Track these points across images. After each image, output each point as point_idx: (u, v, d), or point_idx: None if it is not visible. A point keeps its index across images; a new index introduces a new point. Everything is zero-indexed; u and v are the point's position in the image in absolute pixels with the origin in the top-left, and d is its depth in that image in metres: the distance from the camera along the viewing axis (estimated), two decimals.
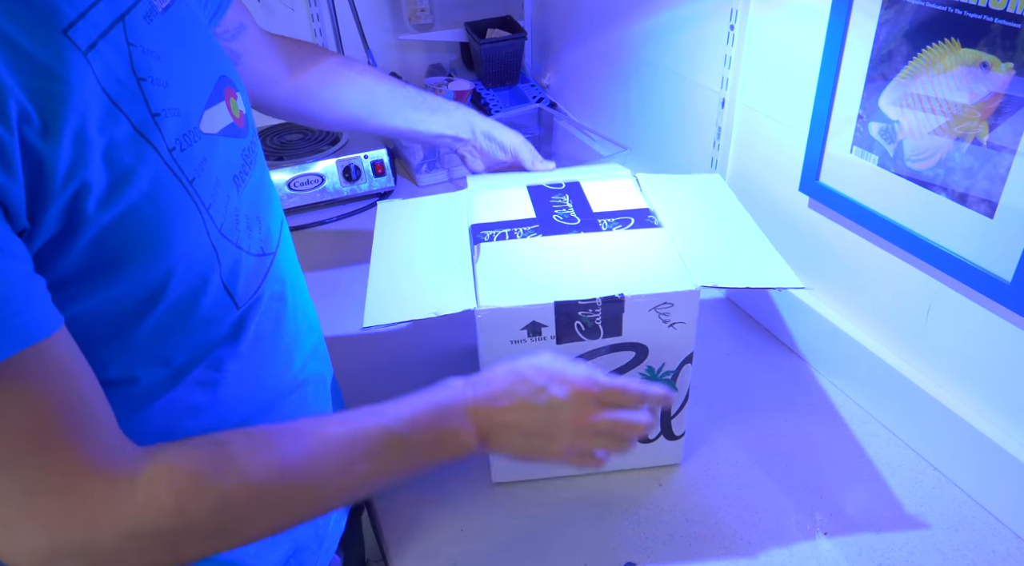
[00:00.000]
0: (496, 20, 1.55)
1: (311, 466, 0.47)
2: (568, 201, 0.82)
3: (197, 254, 0.46)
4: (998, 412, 0.72)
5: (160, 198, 0.42)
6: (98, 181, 0.38)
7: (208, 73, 0.49)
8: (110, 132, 0.39)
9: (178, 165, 0.43)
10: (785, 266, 0.72)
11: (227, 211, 0.49)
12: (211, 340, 0.50)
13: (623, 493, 0.77)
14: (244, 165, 0.52)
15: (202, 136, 0.46)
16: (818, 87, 0.80)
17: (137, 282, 0.43)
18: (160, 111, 0.42)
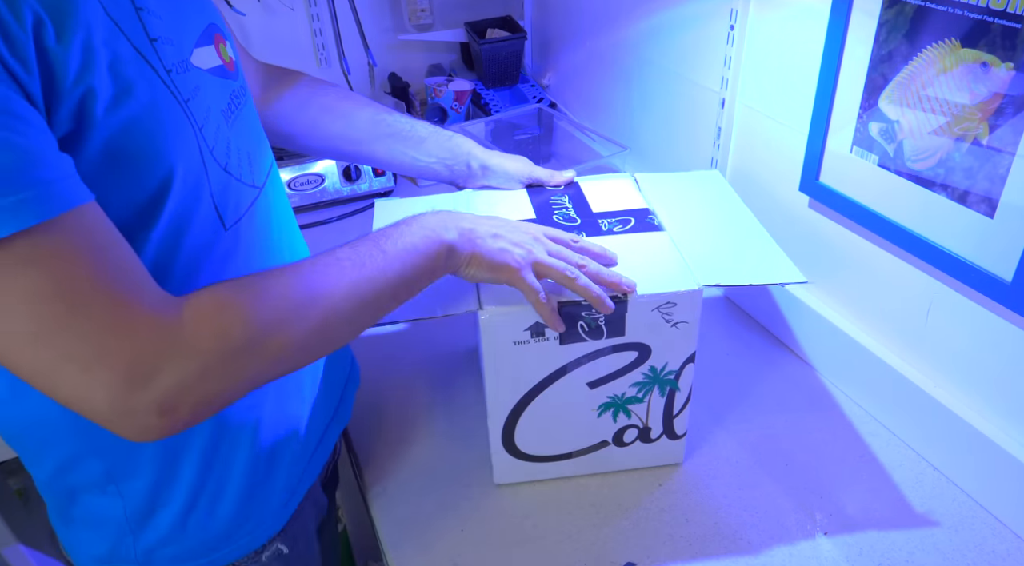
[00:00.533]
0: (496, 20, 1.55)
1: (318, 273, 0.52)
2: (567, 202, 0.82)
3: (191, 168, 0.50)
4: (998, 412, 0.72)
5: (159, 110, 0.46)
6: (104, 89, 0.43)
7: (197, 19, 0.55)
8: (113, 47, 0.44)
9: (175, 85, 0.48)
10: (787, 260, 0.72)
11: (218, 137, 0.53)
12: (202, 261, 0.54)
13: (624, 493, 0.77)
14: (232, 104, 0.57)
15: (193, 67, 0.51)
16: (818, 87, 0.80)
17: (139, 187, 0.47)
18: (156, 38, 0.47)
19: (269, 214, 0.63)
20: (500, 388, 0.71)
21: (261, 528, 0.66)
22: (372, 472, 0.82)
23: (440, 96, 1.48)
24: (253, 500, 0.64)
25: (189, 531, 0.62)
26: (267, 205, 0.62)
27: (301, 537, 0.72)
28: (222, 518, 0.63)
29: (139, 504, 0.60)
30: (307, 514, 0.73)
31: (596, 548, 0.72)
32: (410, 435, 0.86)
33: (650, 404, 0.74)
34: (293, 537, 0.70)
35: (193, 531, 0.62)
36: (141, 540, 0.61)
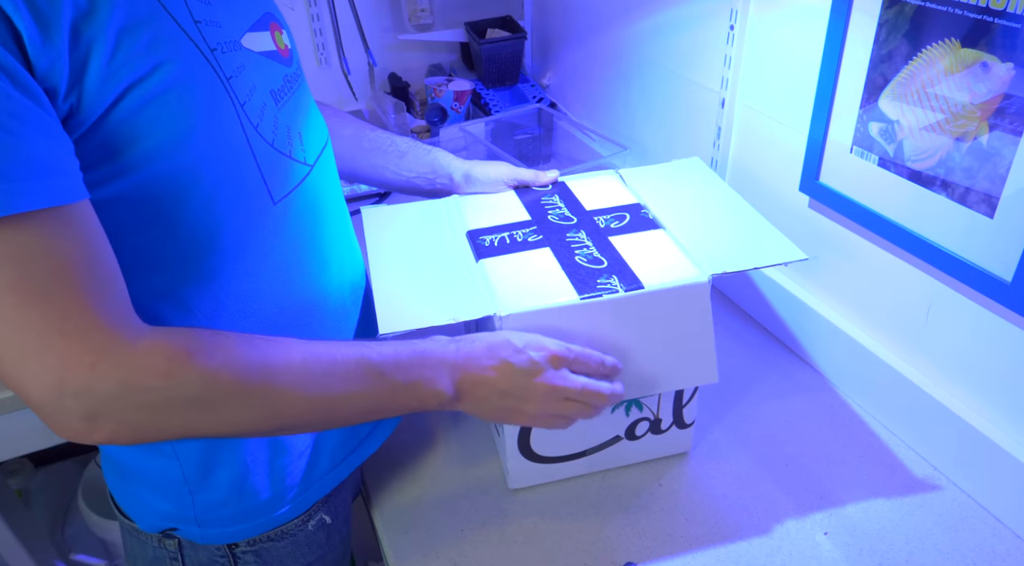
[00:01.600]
0: (496, 20, 1.55)
1: (291, 371, 0.51)
2: (559, 201, 0.82)
3: (230, 139, 0.52)
4: (998, 412, 0.72)
5: (196, 82, 0.49)
6: (141, 64, 0.45)
7: (251, 6, 0.57)
8: (155, 26, 0.46)
9: (217, 62, 0.50)
10: (784, 239, 0.73)
11: (264, 115, 0.55)
12: (252, 233, 0.56)
13: (624, 493, 0.77)
14: (285, 86, 0.59)
15: (242, 48, 0.54)
16: (818, 87, 0.80)
17: (174, 152, 0.48)
18: (201, 20, 0.50)
19: (320, 192, 0.64)
20: None
21: (309, 493, 0.68)
22: (372, 473, 0.82)
23: (440, 96, 1.48)
24: (305, 468, 0.67)
25: (246, 493, 0.64)
26: (318, 183, 0.63)
27: (341, 511, 0.74)
28: (276, 482, 0.65)
29: (196, 466, 0.62)
30: (347, 491, 0.75)
31: (596, 548, 0.72)
32: (410, 436, 0.86)
33: (661, 395, 0.75)
34: (336, 509, 0.73)
35: (249, 493, 0.64)
36: (199, 500, 0.63)
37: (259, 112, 0.54)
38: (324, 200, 0.65)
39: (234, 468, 0.63)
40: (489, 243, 0.75)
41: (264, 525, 0.67)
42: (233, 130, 0.52)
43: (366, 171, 0.85)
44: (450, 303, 0.66)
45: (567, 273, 0.69)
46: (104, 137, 0.46)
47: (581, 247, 0.73)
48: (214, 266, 0.55)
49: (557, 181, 0.87)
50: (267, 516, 0.66)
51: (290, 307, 0.61)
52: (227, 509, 0.65)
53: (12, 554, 1.29)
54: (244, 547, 0.67)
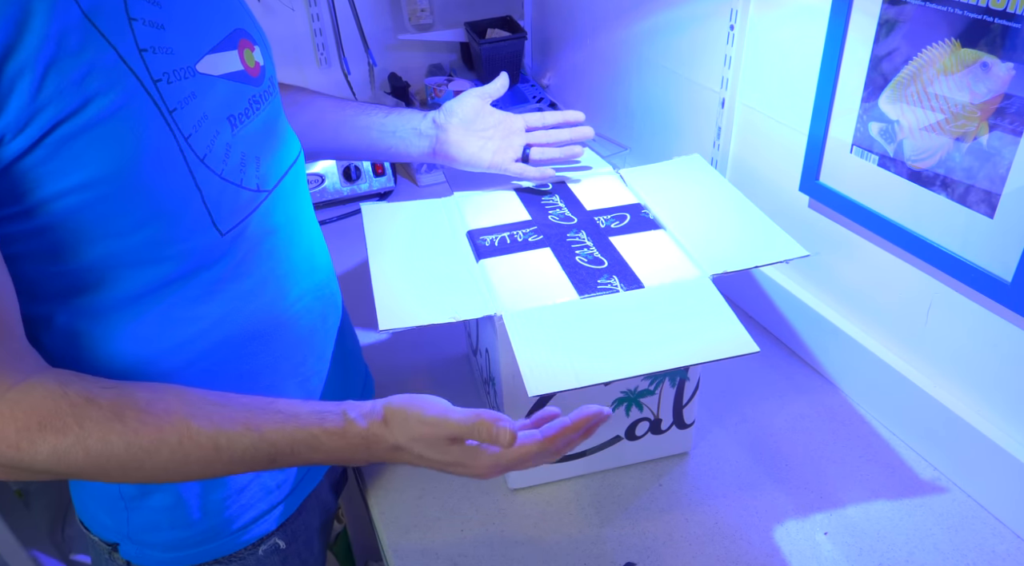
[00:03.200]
0: (496, 20, 1.55)
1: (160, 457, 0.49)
2: (559, 201, 0.82)
3: (170, 174, 0.50)
4: (998, 412, 0.72)
5: (131, 118, 0.47)
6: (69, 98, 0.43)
7: (219, 25, 0.55)
8: (90, 57, 0.44)
9: (160, 94, 0.48)
10: (784, 236, 0.73)
11: (214, 144, 0.53)
12: (197, 261, 0.54)
13: (624, 493, 0.77)
14: (249, 108, 0.57)
15: (196, 74, 0.51)
16: (818, 87, 0.80)
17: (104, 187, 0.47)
18: (148, 47, 0.48)
19: (279, 216, 0.62)
20: (517, 391, 0.70)
21: (257, 525, 0.66)
22: (372, 472, 0.82)
23: (440, 96, 1.48)
24: (248, 497, 0.65)
25: (181, 520, 0.62)
26: (276, 208, 0.61)
27: (301, 534, 0.72)
28: (215, 511, 0.63)
29: (129, 487, 0.61)
30: (310, 512, 0.73)
31: (596, 548, 0.72)
32: None
33: (661, 395, 0.75)
34: (293, 534, 0.70)
35: (185, 521, 0.63)
36: (134, 519, 0.63)
37: (208, 142, 0.52)
38: (284, 224, 0.63)
39: (167, 495, 0.61)
40: (489, 243, 0.75)
41: (202, 554, 0.65)
42: (173, 164, 0.50)
43: (352, 140, 0.82)
44: (450, 302, 0.66)
45: (567, 273, 0.69)
46: (26, 171, 0.44)
47: (581, 247, 0.73)
48: (148, 297, 0.53)
49: (556, 180, 0.87)
50: (204, 546, 0.64)
51: (242, 334, 0.59)
52: (161, 534, 0.63)
53: (12, 554, 1.29)
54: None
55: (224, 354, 0.59)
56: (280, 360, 0.64)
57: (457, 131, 0.82)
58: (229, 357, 0.59)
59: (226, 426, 0.50)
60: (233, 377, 0.60)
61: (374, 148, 0.83)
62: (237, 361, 0.60)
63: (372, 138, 0.82)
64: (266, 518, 0.67)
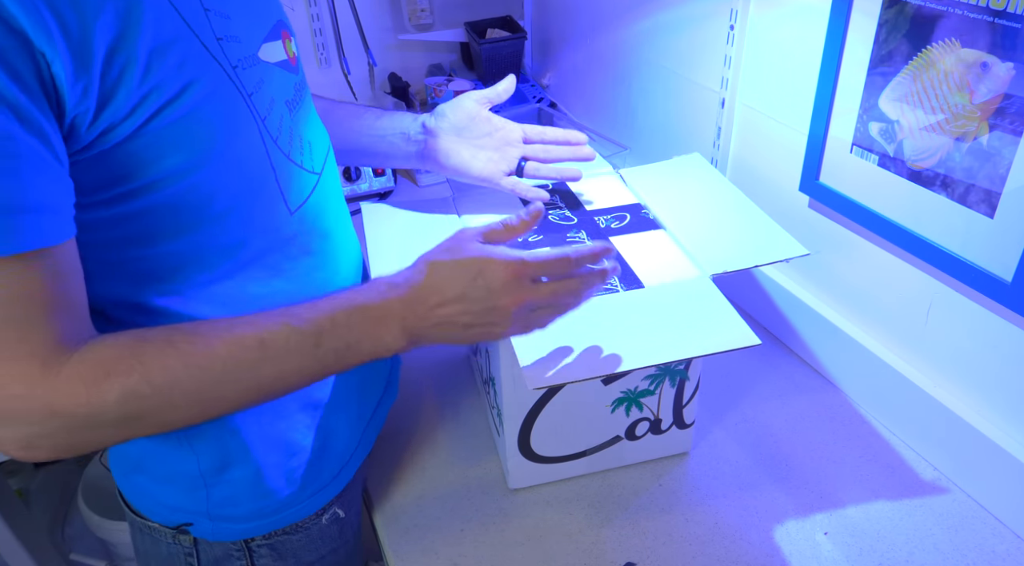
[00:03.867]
0: (496, 20, 1.55)
1: (214, 367, 0.49)
2: (560, 201, 0.82)
3: (252, 155, 0.53)
4: (998, 412, 0.72)
5: (221, 103, 0.50)
6: (170, 85, 0.46)
7: (266, 16, 0.58)
8: (182, 45, 0.47)
9: (239, 79, 0.51)
10: (785, 234, 0.73)
11: (282, 126, 0.56)
12: (272, 243, 0.57)
13: (624, 493, 0.77)
14: (296, 95, 0.60)
15: (260, 62, 0.54)
16: (818, 87, 0.80)
17: (198, 169, 0.49)
18: (223, 36, 0.51)
19: (327, 198, 0.64)
20: (517, 391, 0.70)
21: (323, 492, 0.69)
22: (372, 473, 0.82)
23: (440, 96, 1.48)
24: (319, 465, 0.67)
25: (260, 492, 0.64)
26: (325, 190, 0.64)
27: (354, 504, 0.75)
28: (290, 480, 0.65)
29: (211, 461, 0.62)
30: (357, 484, 0.76)
31: (596, 548, 0.72)
32: (409, 436, 0.86)
33: (661, 396, 0.75)
34: (348, 503, 0.73)
35: (264, 490, 0.64)
36: (214, 495, 0.64)
37: (278, 125, 0.55)
38: (332, 207, 0.65)
39: (248, 467, 0.63)
40: None
41: (279, 521, 0.67)
42: (255, 145, 0.53)
43: (346, 144, 0.79)
44: None
45: None
46: (128, 156, 0.46)
47: None
48: (228, 276, 0.56)
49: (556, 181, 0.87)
50: (281, 513, 0.67)
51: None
52: (241, 506, 0.65)
53: (12, 554, 1.29)
54: (259, 541, 0.67)
55: None
56: None
57: (447, 137, 0.78)
58: None
59: (266, 323, 0.51)
60: None
61: (366, 152, 0.81)
62: None
63: (363, 143, 0.80)
64: (329, 486, 0.69)
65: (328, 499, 0.70)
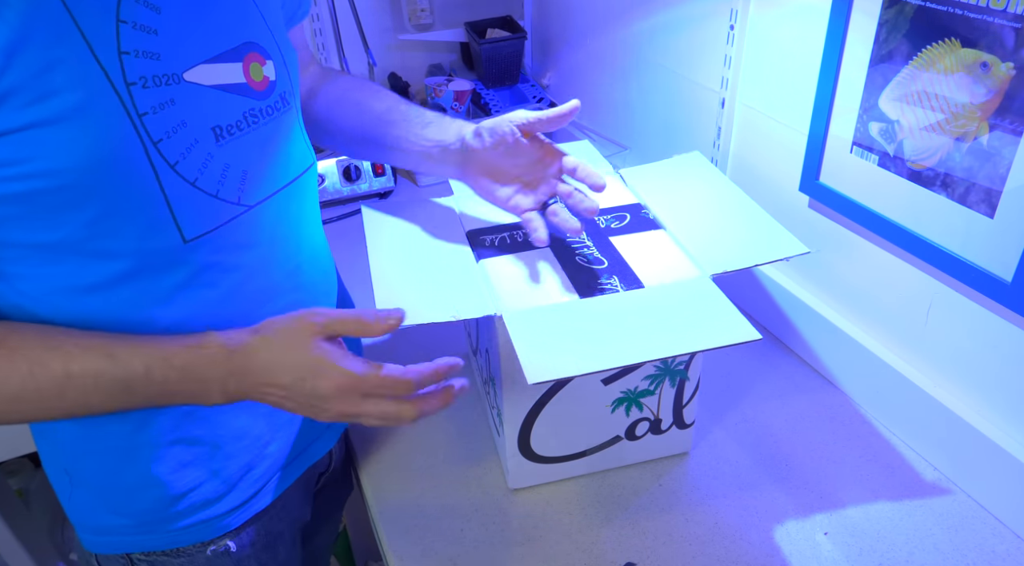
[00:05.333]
0: (496, 20, 1.55)
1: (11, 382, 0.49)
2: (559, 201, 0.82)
3: (132, 173, 0.50)
4: (998, 412, 0.72)
5: (94, 116, 0.47)
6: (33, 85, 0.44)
7: (225, 36, 0.55)
8: (59, 51, 0.45)
9: (130, 96, 0.49)
10: (785, 232, 0.72)
11: (192, 152, 0.53)
12: (155, 261, 0.55)
13: (624, 493, 0.77)
14: (241, 122, 0.57)
15: (181, 82, 0.52)
16: (818, 87, 0.80)
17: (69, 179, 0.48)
18: (131, 50, 0.49)
19: (259, 232, 0.61)
20: (517, 391, 0.70)
21: (200, 527, 0.66)
22: (372, 472, 0.82)
23: (440, 96, 1.48)
24: (183, 503, 0.64)
25: (113, 506, 0.63)
26: (255, 223, 0.60)
27: (260, 540, 0.71)
28: (146, 509, 0.63)
29: (70, 460, 0.63)
30: (273, 518, 0.72)
31: (596, 548, 0.72)
32: (409, 436, 0.86)
33: (661, 395, 0.75)
34: (247, 538, 0.70)
35: (117, 508, 0.63)
36: (75, 496, 0.64)
37: (184, 149, 0.53)
38: (266, 240, 0.62)
39: (101, 477, 0.62)
40: (489, 243, 0.75)
41: (144, 542, 0.65)
42: (135, 166, 0.50)
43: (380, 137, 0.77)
44: (450, 302, 0.66)
45: (567, 273, 0.69)
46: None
47: (581, 247, 0.73)
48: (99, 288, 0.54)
49: None
50: (144, 535, 0.65)
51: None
52: (99, 518, 0.64)
53: (12, 554, 1.29)
54: (140, 556, 0.66)
55: None
56: None
57: (483, 159, 0.72)
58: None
59: (78, 352, 0.51)
60: None
61: (399, 155, 0.77)
62: None
63: (402, 147, 0.76)
64: (210, 525, 0.66)
65: (210, 535, 0.66)
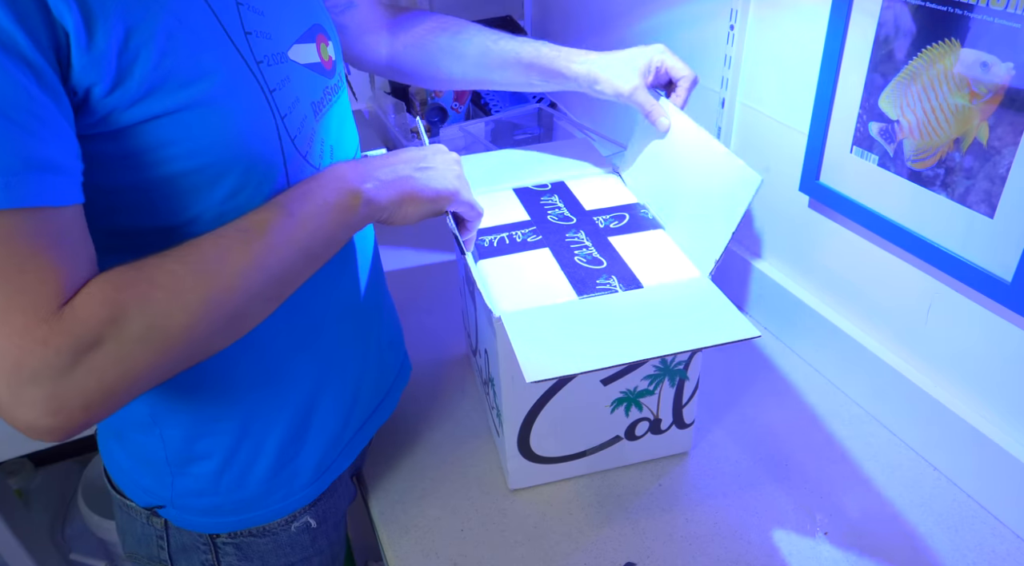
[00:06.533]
0: (496, 20, 1.55)
1: (211, 254, 0.50)
2: (558, 201, 0.82)
3: (266, 149, 0.53)
4: (998, 412, 0.72)
5: (239, 94, 0.50)
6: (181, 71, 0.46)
7: (302, 17, 0.59)
8: (205, 34, 0.48)
9: (262, 75, 0.52)
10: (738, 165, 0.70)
11: (303, 127, 0.57)
12: None
13: (624, 493, 0.77)
14: (324, 98, 0.61)
15: (288, 61, 0.55)
16: (818, 87, 0.80)
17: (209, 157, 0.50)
18: (252, 31, 0.52)
19: None
20: (516, 392, 0.70)
21: (292, 499, 0.69)
22: (372, 473, 0.82)
23: (440, 96, 1.48)
24: (286, 472, 0.67)
25: (222, 487, 0.65)
26: None
27: (330, 516, 0.74)
28: (254, 482, 0.66)
29: (178, 451, 0.63)
30: (339, 496, 0.75)
31: (596, 548, 0.72)
32: (409, 436, 0.86)
33: (661, 395, 0.75)
34: (323, 514, 0.73)
35: (226, 488, 0.65)
36: (178, 484, 0.65)
37: (298, 125, 0.56)
38: None
39: (212, 463, 0.63)
40: (488, 243, 0.75)
41: (242, 522, 0.67)
42: (270, 140, 0.53)
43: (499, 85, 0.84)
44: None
45: (566, 273, 0.69)
46: (141, 135, 0.47)
47: (580, 247, 0.73)
48: None
49: (556, 180, 0.86)
50: (244, 514, 0.67)
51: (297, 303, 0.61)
52: (204, 499, 0.65)
53: (12, 554, 1.29)
54: (225, 538, 0.68)
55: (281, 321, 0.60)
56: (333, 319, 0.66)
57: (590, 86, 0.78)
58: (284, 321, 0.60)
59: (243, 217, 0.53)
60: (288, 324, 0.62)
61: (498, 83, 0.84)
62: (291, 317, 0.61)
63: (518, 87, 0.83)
64: (300, 495, 0.69)
65: (297, 507, 0.69)
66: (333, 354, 0.66)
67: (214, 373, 0.60)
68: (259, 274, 0.51)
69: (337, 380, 0.68)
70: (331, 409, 0.68)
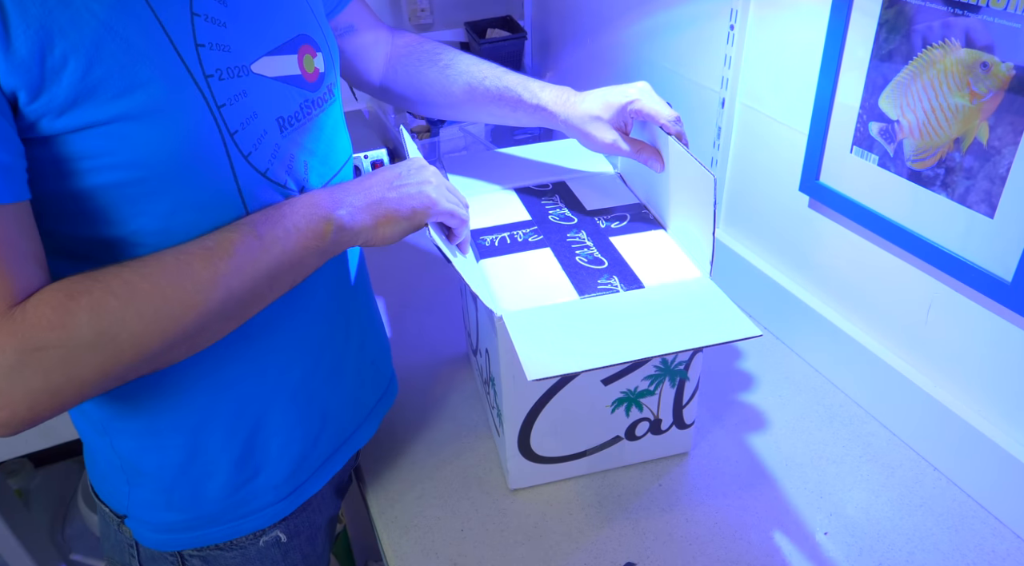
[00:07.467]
0: (496, 20, 1.55)
1: (172, 267, 0.49)
2: (559, 201, 0.82)
3: (210, 163, 0.52)
4: (998, 412, 0.72)
5: (178, 108, 0.49)
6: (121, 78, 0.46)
7: (281, 29, 0.57)
8: (144, 45, 0.47)
9: (210, 88, 0.50)
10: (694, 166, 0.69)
11: (261, 143, 0.55)
12: None
13: (624, 493, 0.77)
14: (300, 113, 0.59)
15: (250, 74, 0.54)
16: (818, 87, 0.80)
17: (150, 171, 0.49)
18: (205, 43, 0.50)
19: None
20: (517, 391, 0.71)
21: (257, 516, 0.67)
22: (372, 473, 0.82)
23: None
24: (246, 491, 0.66)
25: (175, 503, 0.64)
26: None
27: (303, 530, 0.73)
28: (210, 500, 0.65)
29: (130, 461, 0.63)
30: (313, 510, 0.74)
31: (596, 548, 0.72)
32: (409, 436, 0.86)
33: (661, 396, 0.75)
34: (294, 529, 0.72)
35: (180, 505, 0.64)
36: (135, 495, 0.64)
37: (255, 140, 0.54)
38: None
39: (163, 477, 0.62)
40: (490, 243, 0.75)
41: (203, 538, 0.66)
42: (214, 157, 0.52)
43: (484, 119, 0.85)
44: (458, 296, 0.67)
45: (567, 273, 0.69)
46: (71, 144, 0.46)
47: (582, 247, 0.73)
48: None
49: (557, 180, 0.87)
50: (204, 530, 0.66)
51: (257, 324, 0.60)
52: (160, 514, 0.64)
53: (12, 554, 1.29)
54: (192, 551, 0.67)
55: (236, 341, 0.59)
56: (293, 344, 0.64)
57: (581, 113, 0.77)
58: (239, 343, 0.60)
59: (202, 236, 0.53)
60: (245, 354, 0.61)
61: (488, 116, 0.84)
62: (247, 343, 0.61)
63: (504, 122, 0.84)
64: (268, 512, 0.68)
65: (265, 525, 0.68)
66: (287, 377, 0.64)
67: (161, 385, 0.58)
68: (219, 292, 0.51)
69: (294, 403, 0.66)
70: (291, 431, 0.66)
